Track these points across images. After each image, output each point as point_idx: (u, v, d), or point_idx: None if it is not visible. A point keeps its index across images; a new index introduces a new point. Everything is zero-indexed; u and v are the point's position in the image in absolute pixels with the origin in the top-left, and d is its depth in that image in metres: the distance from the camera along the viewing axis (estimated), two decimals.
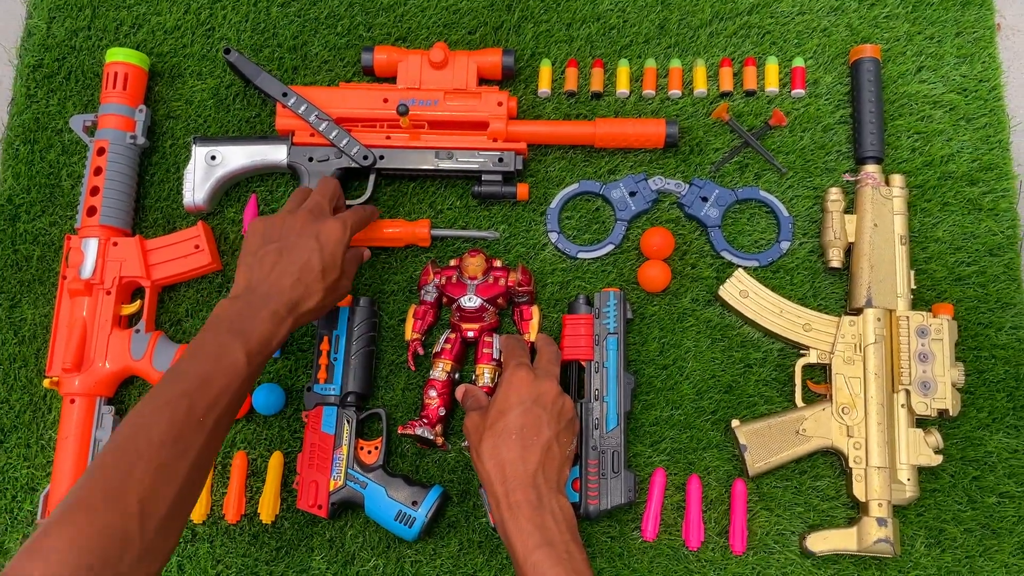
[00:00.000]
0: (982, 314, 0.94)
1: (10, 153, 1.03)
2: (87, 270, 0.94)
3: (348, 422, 0.91)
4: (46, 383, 0.92)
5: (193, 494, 0.68)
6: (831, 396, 0.90)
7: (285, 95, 0.98)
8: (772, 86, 1.01)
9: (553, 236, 0.98)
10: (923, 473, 0.90)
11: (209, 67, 1.04)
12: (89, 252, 0.94)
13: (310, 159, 0.97)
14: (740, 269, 0.95)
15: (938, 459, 0.88)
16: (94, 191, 0.96)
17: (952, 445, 0.91)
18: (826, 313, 0.93)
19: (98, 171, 0.96)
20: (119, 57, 0.99)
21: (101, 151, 0.97)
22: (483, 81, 1.01)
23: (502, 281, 0.93)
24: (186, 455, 0.66)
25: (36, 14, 1.07)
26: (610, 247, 0.98)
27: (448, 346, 0.93)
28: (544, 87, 1.02)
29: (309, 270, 0.80)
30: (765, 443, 0.89)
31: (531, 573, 0.70)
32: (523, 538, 0.72)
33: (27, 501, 0.93)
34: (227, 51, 0.98)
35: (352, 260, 0.88)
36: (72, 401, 0.92)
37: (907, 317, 0.90)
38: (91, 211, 0.95)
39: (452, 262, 0.95)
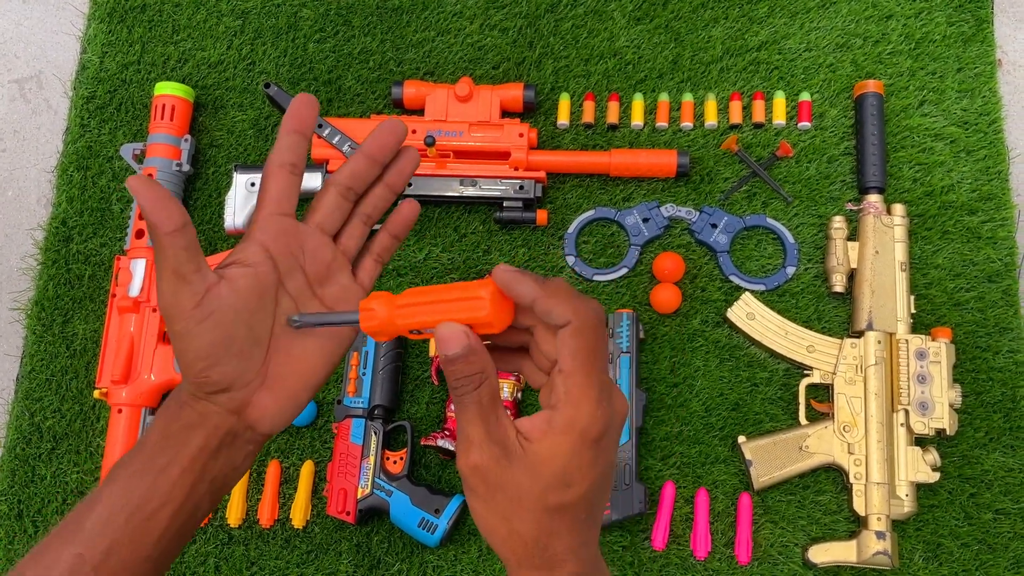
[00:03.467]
0: (980, 338, 0.98)
1: (64, 179, 1.10)
2: (135, 289, 1.01)
3: (375, 434, 0.96)
4: (96, 394, 0.99)
5: None
6: (833, 415, 0.94)
7: (320, 126, 1.04)
8: (779, 119, 1.06)
9: (570, 259, 1.04)
10: (921, 489, 0.94)
11: (250, 99, 1.12)
12: (137, 272, 1.01)
13: None
14: (747, 293, 1.00)
15: (936, 476, 0.92)
16: (142, 215, 1.02)
17: (950, 463, 0.95)
18: (829, 335, 0.98)
19: None
20: (167, 90, 1.07)
21: (149, 178, 1.04)
22: (506, 114, 1.07)
23: None
24: None
25: (90, 49, 1.15)
26: (624, 270, 1.03)
27: None
28: (563, 119, 1.08)
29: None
30: (770, 459, 0.94)
31: None
32: None
33: (77, 504, 0.99)
34: (267, 85, 1.05)
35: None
36: (119, 411, 0.98)
37: (907, 340, 0.95)
38: (139, 234, 1.02)
39: None
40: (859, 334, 0.97)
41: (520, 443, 0.44)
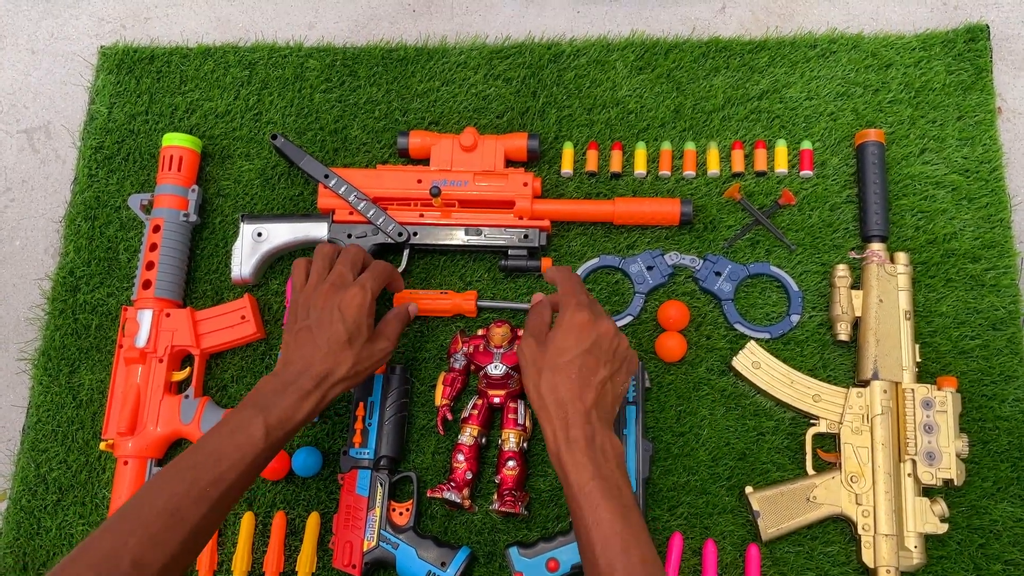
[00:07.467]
0: (986, 386, 0.98)
1: (72, 229, 1.11)
2: (142, 339, 1.01)
3: (381, 485, 0.96)
4: (102, 446, 0.99)
5: (186, 558, 0.72)
6: (840, 465, 0.94)
7: (327, 176, 1.05)
8: (781, 167, 1.07)
9: None
10: (930, 541, 0.93)
11: (257, 149, 1.13)
12: (144, 323, 1.01)
13: (349, 236, 1.04)
14: (752, 341, 1.00)
15: (944, 527, 0.91)
16: (149, 265, 1.03)
17: (958, 513, 0.94)
18: (835, 384, 0.98)
19: (153, 247, 1.04)
20: (174, 141, 1.08)
21: (156, 228, 1.05)
22: (510, 163, 1.08)
23: None
24: (181, 526, 0.71)
25: (98, 100, 1.16)
26: (629, 318, 1.03)
27: (475, 411, 0.98)
28: (567, 168, 1.09)
29: (335, 341, 0.84)
30: (777, 509, 0.93)
31: (584, 502, 0.74)
32: (578, 471, 0.75)
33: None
34: (274, 137, 1.06)
35: (394, 320, 0.92)
36: (125, 463, 0.98)
37: (912, 389, 0.95)
38: (146, 284, 1.03)
39: (479, 332, 1.02)
40: (865, 383, 0.97)
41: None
